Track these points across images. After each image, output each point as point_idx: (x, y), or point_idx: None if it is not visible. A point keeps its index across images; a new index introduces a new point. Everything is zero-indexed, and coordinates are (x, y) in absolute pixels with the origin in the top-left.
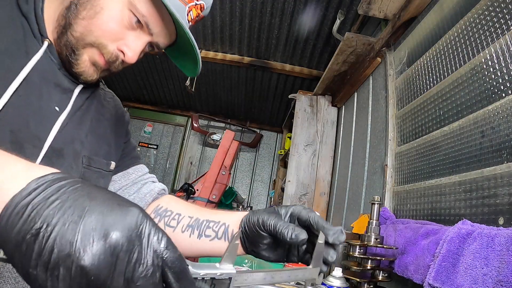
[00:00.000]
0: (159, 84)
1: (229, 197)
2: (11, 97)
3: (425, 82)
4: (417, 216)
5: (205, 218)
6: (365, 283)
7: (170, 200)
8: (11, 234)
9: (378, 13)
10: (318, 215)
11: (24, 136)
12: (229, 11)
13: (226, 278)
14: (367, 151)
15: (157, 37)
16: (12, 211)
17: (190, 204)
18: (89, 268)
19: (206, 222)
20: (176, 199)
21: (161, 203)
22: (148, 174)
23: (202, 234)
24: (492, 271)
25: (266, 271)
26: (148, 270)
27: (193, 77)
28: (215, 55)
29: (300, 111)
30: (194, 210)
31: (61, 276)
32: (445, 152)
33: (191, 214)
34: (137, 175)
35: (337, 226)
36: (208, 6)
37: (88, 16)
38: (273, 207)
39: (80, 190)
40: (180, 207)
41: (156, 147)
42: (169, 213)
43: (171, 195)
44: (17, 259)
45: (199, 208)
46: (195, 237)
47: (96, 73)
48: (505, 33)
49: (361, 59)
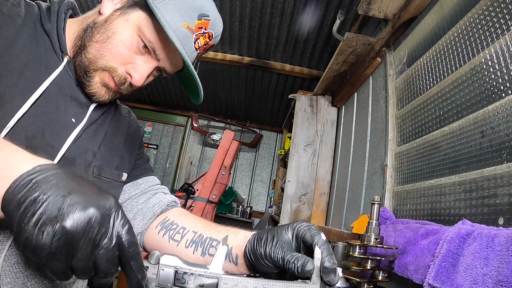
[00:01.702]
0: (159, 84)
1: (229, 197)
2: (30, 108)
3: (425, 82)
4: (417, 216)
5: (208, 235)
6: (365, 283)
7: (178, 213)
8: (15, 198)
9: (378, 13)
10: (322, 240)
11: (38, 143)
12: (229, 11)
13: (214, 278)
14: (367, 151)
15: (163, 62)
16: (20, 183)
17: (197, 218)
18: (69, 228)
19: (209, 240)
20: (185, 213)
21: (169, 215)
22: (159, 185)
23: (206, 252)
24: (492, 271)
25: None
26: (110, 243)
27: None
28: (215, 55)
29: (300, 111)
30: (199, 224)
31: (45, 232)
32: (445, 152)
33: (196, 229)
34: (147, 185)
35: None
36: (218, 34)
37: (101, 40)
38: (277, 230)
39: (72, 177)
40: (187, 221)
41: (156, 147)
42: (174, 226)
43: (180, 209)
44: (14, 216)
45: (204, 223)
46: (199, 254)
47: (108, 94)
48: (505, 33)
49: (361, 59)
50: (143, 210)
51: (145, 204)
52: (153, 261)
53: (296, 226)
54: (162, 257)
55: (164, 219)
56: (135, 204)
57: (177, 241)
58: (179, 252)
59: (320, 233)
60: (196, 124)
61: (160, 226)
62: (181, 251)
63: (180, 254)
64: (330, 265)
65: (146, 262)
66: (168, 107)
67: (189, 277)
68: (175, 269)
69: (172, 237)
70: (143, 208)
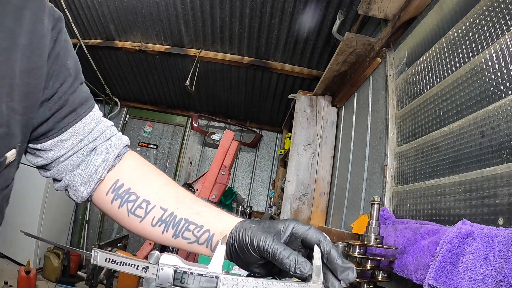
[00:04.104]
0: (159, 84)
1: (229, 197)
2: None
3: (425, 82)
4: (417, 216)
5: (183, 215)
6: (365, 283)
7: (133, 173)
8: None
9: (378, 13)
10: (328, 240)
11: None
12: (229, 11)
13: (213, 277)
14: (367, 151)
15: None
16: None
17: (159, 184)
18: None
19: (185, 223)
20: (142, 173)
21: (121, 176)
22: (99, 127)
23: (179, 235)
24: (492, 271)
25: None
26: None
27: (193, 76)
28: (215, 55)
29: (300, 111)
30: (168, 198)
31: None
32: (445, 152)
33: (164, 205)
34: (78, 138)
35: (349, 263)
36: None
37: None
38: (268, 223)
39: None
40: (149, 191)
41: (156, 147)
42: (133, 197)
43: (133, 163)
44: None
45: (175, 196)
46: (170, 235)
47: None
48: (505, 33)
49: (361, 59)
50: (83, 177)
51: (85, 169)
52: (152, 261)
53: (291, 224)
54: (162, 256)
55: (115, 182)
56: (68, 171)
57: (140, 217)
58: (143, 228)
59: (322, 233)
60: (196, 124)
61: (113, 194)
62: (146, 228)
63: (144, 231)
64: (346, 263)
65: (146, 261)
66: (168, 107)
67: (188, 277)
68: (174, 268)
69: (133, 211)
70: (82, 174)
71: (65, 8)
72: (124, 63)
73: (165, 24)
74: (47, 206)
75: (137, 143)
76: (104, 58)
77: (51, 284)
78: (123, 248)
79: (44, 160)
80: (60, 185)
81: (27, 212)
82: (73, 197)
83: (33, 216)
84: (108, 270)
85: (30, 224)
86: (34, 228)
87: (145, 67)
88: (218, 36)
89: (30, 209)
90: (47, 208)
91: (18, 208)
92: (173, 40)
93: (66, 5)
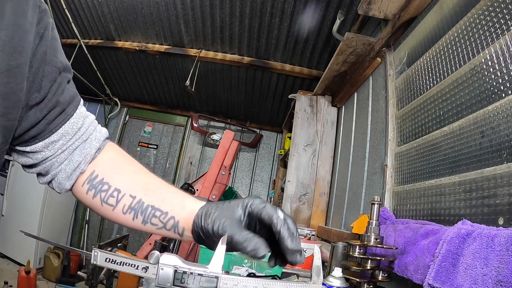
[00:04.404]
0: (159, 84)
1: (229, 197)
2: None
3: (425, 82)
4: (417, 216)
5: (149, 202)
6: (365, 283)
7: (108, 165)
8: None
9: (378, 13)
10: (281, 221)
11: None
12: (229, 11)
13: (213, 277)
14: (367, 151)
15: None
16: None
17: (130, 172)
18: None
19: (151, 210)
20: (116, 163)
21: (97, 168)
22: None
23: (148, 221)
24: (492, 271)
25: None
26: None
27: (193, 76)
28: (215, 55)
29: (300, 111)
30: (136, 185)
31: None
32: (445, 152)
33: (133, 192)
34: (66, 138)
35: (298, 246)
36: None
37: None
38: (227, 205)
39: None
40: (120, 181)
41: (156, 147)
42: (105, 187)
43: (110, 154)
44: None
45: (142, 183)
46: (139, 222)
47: None
48: (505, 33)
49: (361, 59)
50: (67, 172)
51: (68, 164)
52: (152, 261)
53: (249, 203)
54: (162, 256)
55: (91, 173)
56: (54, 167)
57: (112, 205)
58: (116, 216)
59: (277, 211)
60: (196, 124)
61: (88, 185)
62: (119, 216)
63: (117, 219)
64: (294, 246)
65: (146, 261)
66: (168, 107)
67: (188, 277)
68: (174, 268)
69: (105, 200)
70: (66, 169)
71: (65, 8)
72: (124, 63)
73: (165, 24)
74: (47, 206)
75: (137, 143)
76: (104, 58)
77: (51, 284)
78: (123, 248)
79: (33, 160)
80: (45, 180)
81: (27, 212)
82: (56, 189)
83: (33, 216)
84: (108, 270)
85: (30, 224)
86: (34, 228)
87: (145, 67)
88: (218, 36)
89: (30, 209)
90: (47, 208)
91: (18, 208)
92: (173, 40)
93: (66, 5)
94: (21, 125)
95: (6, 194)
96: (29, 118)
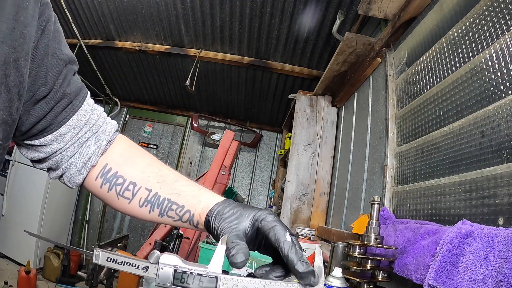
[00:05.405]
0: (159, 84)
1: (229, 197)
2: None
3: (425, 82)
4: (417, 216)
5: (165, 195)
6: (365, 283)
7: (120, 157)
8: None
9: (378, 13)
10: (289, 244)
11: None
12: (229, 11)
13: (213, 277)
14: (367, 151)
15: None
16: None
17: (143, 164)
18: None
19: (168, 203)
20: (128, 155)
21: (110, 161)
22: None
23: (164, 214)
24: (492, 271)
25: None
26: None
27: (193, 76)
28: (215, 55)
29: (300, 111)
30: (151, 178)
31: None
32: (445, 152)
33: (149, 185)
34: (75, 130)
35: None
36: None
37: None
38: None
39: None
40: (134, 174)
41: (156, 147)
42: (120, 180)
43: (120, 147)
44: None
45: (157, 176)
46: (156, 214)
47: None
48: (505, 33)
49: (361, 59)
50: (78, 166)
51: (79, 157)
52: (152, 260)
53: (260, 219)
54: (162, 256)
55: (104, 167)
56: (64, 161)
57: (128, 198)
58: (132, 209)
59: (285, 234)
60: (196, 124)
61: (101, 178)
62: (135, 209)
63: (133, 211)
64: (304, 268)
65: (146, 261)
66: (168, 107)
67: (188, 277)
68: (174, 268)
69: (121, 193)
70: (77, 162)
71: (65, 8)
72: (124, 63)
73: (165, 24)
74: (47, 206)
75: (137, 143)
76: (104, 58)
77: (51, 284)
78: (123, 248)
79: (42, 154)
80: (56, 175)
81: (27, 212)
82: (68, 183)
83: (33, 216)
84: (108, 270)
85: (30, 224)
86: (34, 228)
87: (145, 67)
88: (218, 36)
89: (30, 209)
90: (47, 208)
91: (18, 208)
92: (173, 40)
93: (66, 5)
94: (28, 120)
95: (6, 194)
96: (36, 112)
